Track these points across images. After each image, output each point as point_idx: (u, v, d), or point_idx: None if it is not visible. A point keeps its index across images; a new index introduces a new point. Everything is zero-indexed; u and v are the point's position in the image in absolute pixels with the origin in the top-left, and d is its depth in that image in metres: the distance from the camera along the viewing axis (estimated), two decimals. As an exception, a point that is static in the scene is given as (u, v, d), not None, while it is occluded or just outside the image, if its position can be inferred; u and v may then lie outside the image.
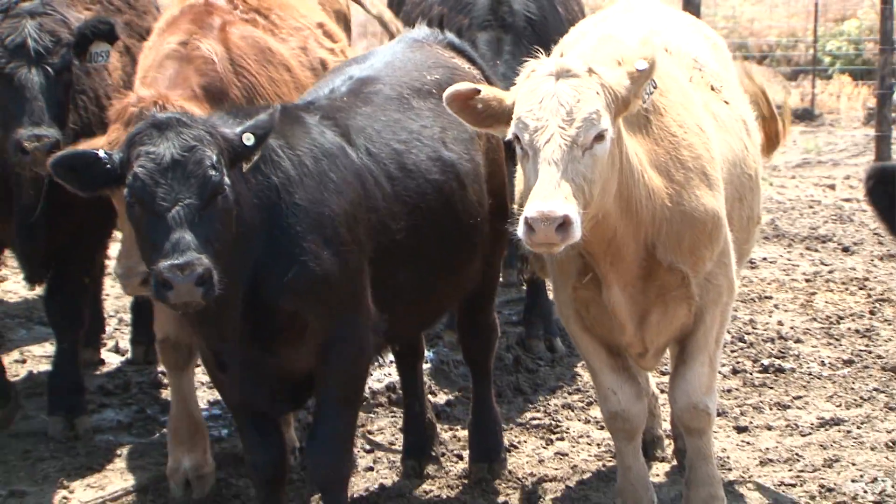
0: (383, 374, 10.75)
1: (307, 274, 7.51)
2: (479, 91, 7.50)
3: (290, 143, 7.65)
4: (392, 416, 10.09)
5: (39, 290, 10.18)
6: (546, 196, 6.89)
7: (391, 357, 9.22)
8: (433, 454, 9.51)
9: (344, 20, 10.23)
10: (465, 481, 9.34)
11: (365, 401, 9.62)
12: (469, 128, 7.87)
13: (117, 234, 9.09)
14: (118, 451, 9.63)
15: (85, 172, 7.21)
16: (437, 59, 9.09)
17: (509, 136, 7.40)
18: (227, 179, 7.06)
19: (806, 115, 25.32)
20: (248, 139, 7.18)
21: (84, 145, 7.73)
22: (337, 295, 7.68)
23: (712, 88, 8.38)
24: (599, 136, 7.13)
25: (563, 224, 6.81)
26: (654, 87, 7.50)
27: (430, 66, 8.93)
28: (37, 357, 11.34)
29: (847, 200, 17.77)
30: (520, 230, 6.95)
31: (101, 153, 7.22)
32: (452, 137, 8.45)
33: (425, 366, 10.11)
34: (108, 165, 7.14)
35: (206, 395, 10.69)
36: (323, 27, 9.64)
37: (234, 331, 7.41)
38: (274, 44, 8.86)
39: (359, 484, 9.01)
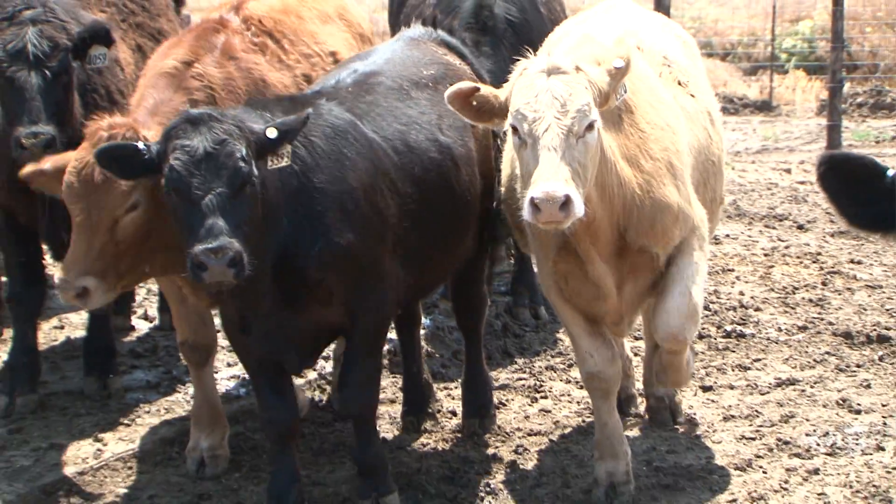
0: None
1: (331, 247, 7.58)
2: (478, 89, 7.58)
3: (306, 131, 7.61)
4: (392, 378, 10.11)
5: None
6: (549, 178, 6.96)
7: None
8: (430, 411, 9.60)
9: (369, 42, 10.08)
10: (459, 435, 9.40)
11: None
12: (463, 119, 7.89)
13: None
14: (146, 408, 9.66)
15: (125, 163, 7.26)
16: (432, 56, 9.12)
17: (506, 126, 7.49)
18: (255, 170, 7.10)
19: (765, 107, 25.35)
20: (272, 133, 7.20)
21: (52, 160, 7.80)
22: (359, 262, 7.76)
23: (679, 83, 8.43)
24: (590, 126, 7.22)
25: (566, 203, 6.88)
26: (625, 91, 7.57)
27: (426, 62, 8.96)
28: (74, 324, 11.35)
29: (802, 183, 17.78)
30: (525, 211, 7.00)
31: (141, 145, 7.28)
32: (448, 125, 8.49)
33: (422, 331, 10.15)
34: (147, 156, 7.19)
35: (226, 358, 10.75)
36: (335, 55, 9.42)
37: (265, 298, 7.48)
38: (271, 75, 8.67)
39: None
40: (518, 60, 8.32)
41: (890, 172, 4.44)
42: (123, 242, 7.51)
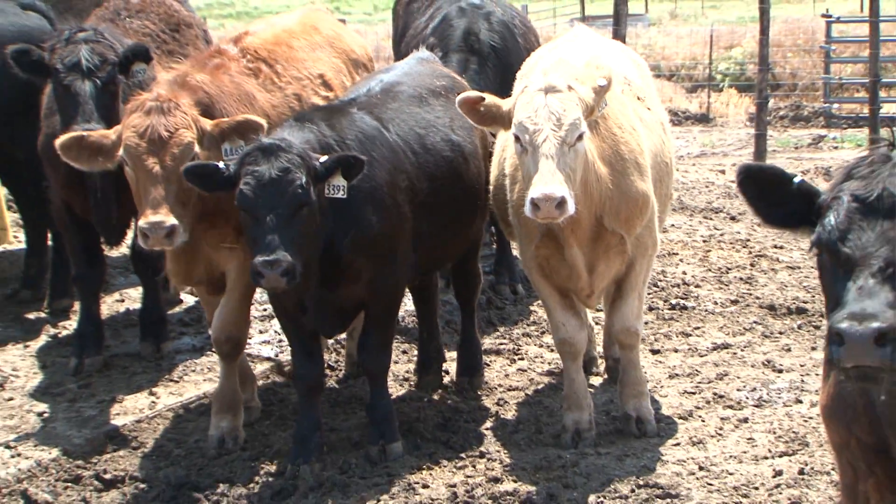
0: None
1: (363, 234, 7.70)
2: (484, 98, 7.72)
3: (341, 136, 7.83)
4: (396, 342, 10.10)
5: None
6: (547, 182, 7.12)
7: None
8: (439, 372, 9.58)
9: (364, 67, 10.03)
10: (452, 390, 9.43)
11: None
12: (469, 121, 7.99)
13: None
14: (192, 368, 9.67)
15: (208, 179, 7.37)
16: (440, 71, 9.29)
17: (508, 135, 7.68)
18: (312, 194, 7.24)
19: (703, 119, 25.36)
20: (324, 165, 7.37)
21: (91, 135, 7.82)
22: (383, 246, 7.86)
23: (638, 98, 8.48)
24: (580, 137, 7.40)
25: (561, 203, 7.07)
26: (606, 105, 7.69)
27: (436, 75, 9.12)
28: (132, 298, 11.35)
29: (733, 182, 17.72)
30: (527, 208, 7.17)
31: (221, 165, 7.37)
32: (459, 125, 8.63)
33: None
34: (225, 175, 7.29)
35: (257, 326, 10.76)
36: (323, 77, 9.35)
37: (314, 282, 7.57)
38: (259, 95, 8.59)
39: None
40: (498, 78, 8.48)
41: (796, 179, 4.48)
42: (188, 190, 7.55)
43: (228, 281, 8.30)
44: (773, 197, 4.55)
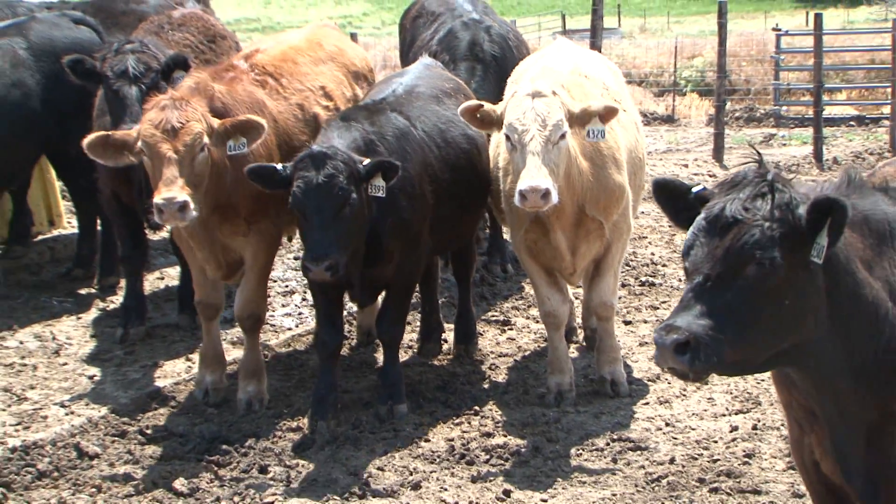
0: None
1: (398, 219, 7.76)
2: (482, 106, 7.79)
3: (382, 132, 7.89)
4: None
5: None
6: (533, 175, 7.20)
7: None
8: (439, 341, 9.55)
9: (364, 78, 9.99)
10: (450, 356, 9.41)
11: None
12: None
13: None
14: (223, 337, 9.64)
15: (267, 178, 7.42)
16: (444, 75, 9.32)
17: (500, 135, 7.74)
18: (354, 196, 7.24)
19: (669, 119, 25.29)
20: (365, 168, 7.38)
21: (115, 133, 7.75)
22: (412, 231, 7.91)
23: (615, 101, 8.44)
24: (563, 136, 7.45)
25: (546, 193, 7.15)
26: (604, 135, 7.75)
27: (444, 78, 9.17)
28: (171, 276, 11.32)
29: (695, 174, 17.73)
30: (516, 198, 7.26)
31: (279, 167, 7.42)
32: None
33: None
34: (282, 175, 7.32)
35: (280, 301, 10.74)
36: (324, 89, 9.24)
37: (360, 266, 7.65)
38: (269, 102, 8.52)
39: (378, 358, 9.04)
40: (498, 83, 8.59)
41: (695, 189, 4.49)
42: (199, 175, 7.49)
43: (246, 264, 8.27)
44: (679, 204, 4.55)
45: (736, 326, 4.10)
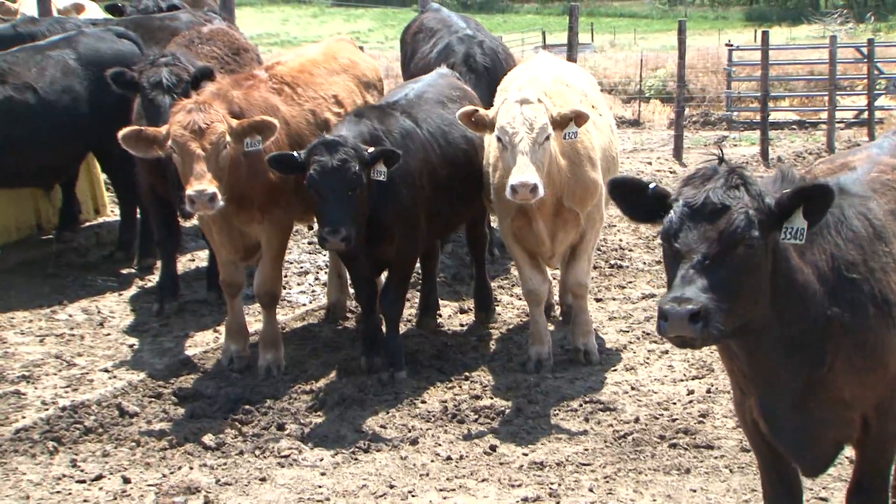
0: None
1: (398, 205, 7.79)
2: (477, 111, 7.78)
3: (389, 129, 7.91)
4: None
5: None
6: (523, 172, 7.23)
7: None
8: (435, 316, 9.51)
9: (374, 87, 9.93)
10: (444, 329, 9.41)
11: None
12: None
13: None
14: (246, 312, 9.59)
15: (285, 164, 7.47)
16: (454, 84, 9.28)
17: (492, 137, 7.75)
18: (363, 178, 7.31)
19: (635, 123, 25.27)
20: (370, 155, 7.44)
21: (148, 130, 7.72)
22: (411, 217, 7.91)
23: (593, 107, 8.42)
24: (547, 138, 7.46)
25: (534, 188, 7.19)
26: (576, 135, 7.72)
27: (451, 87, 9.11)
28: (201, 258, 11.26)
29: (658, 171, 17.71)
30: (507, 192, 7.29)
31: (296, 154, 7.48)
32: None
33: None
34: (299, 161, 7.40)
35: (296, 280, 10.72)
36: (336, 97, 9.15)
37: (363, 241, 7.67)
38: (282, 106, 8.45)
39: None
40: (489, 90, 8.63)
41: (651, 186, 4.49)
42: (222, 169, 7.48)
43: (262, 249, 8.24)
44: (635, 200, 4.54)
45: (730, 298, 4.14)
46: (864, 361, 4.53)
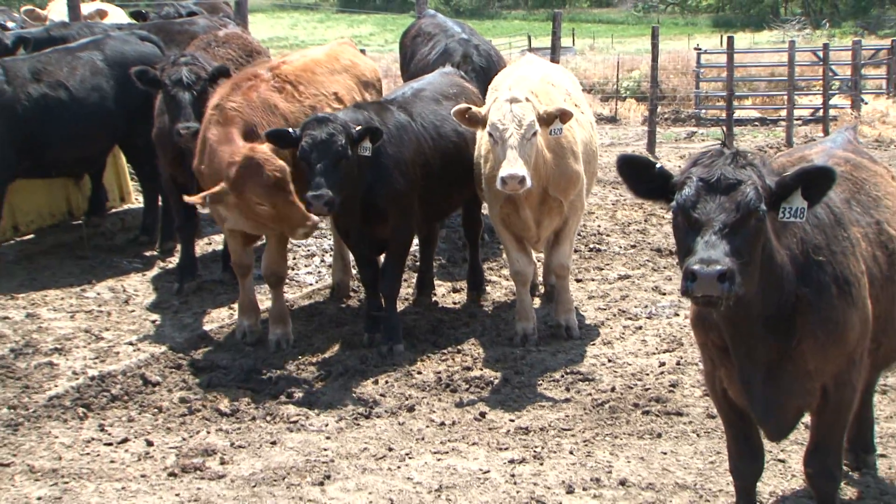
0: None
1: (392, 188, 7.77)
2: (470, 109, 7.71)
3: (384, 121, 7.88)
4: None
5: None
6: (512, 165, 7.20)
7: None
8: (430, 294, 9.49)
9: (373, 86, 9.84)
10: (438, 306, 9.35)
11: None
12: None
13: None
14: (258, 291, 9.55)
15: (282, 139, 7.49)
16: (454, 82, 9.20)
17: (484, 132, 7.67)
18: (349, 152, 7.33)
19: (612, 119, 25.16)
20: (357, 132, 7.46)
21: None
22: (404, 200, 7.88)
23: (575, 105, 8.38)
24: (535, 133, 7.41)
25: (522, 179, 7.15)
26: (560, 131, 7.68)
27: (450, 84, 9.05)
28: (217, 242, 11.21)
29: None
30: (498, 183, 7.24)
31: (291, 130, 7.52)
32: None
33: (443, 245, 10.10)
34: (293, 136, 7.44)
35: (303, 262, 10.68)
36: (336, 95, 9.07)
37: (356, 218, 7.74)
38: (282, 104, 8.38)
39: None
40: (484, 89, 8.60)
41: (657, 165, 4.46)
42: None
43: (268, 234, 8.20)
44: (642, 177, 4.51)
45: (746, 263, 4.16)
46: (827, 336, 4.56)
